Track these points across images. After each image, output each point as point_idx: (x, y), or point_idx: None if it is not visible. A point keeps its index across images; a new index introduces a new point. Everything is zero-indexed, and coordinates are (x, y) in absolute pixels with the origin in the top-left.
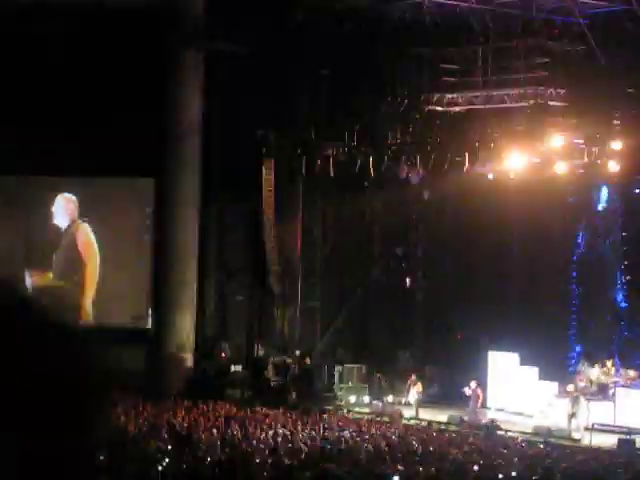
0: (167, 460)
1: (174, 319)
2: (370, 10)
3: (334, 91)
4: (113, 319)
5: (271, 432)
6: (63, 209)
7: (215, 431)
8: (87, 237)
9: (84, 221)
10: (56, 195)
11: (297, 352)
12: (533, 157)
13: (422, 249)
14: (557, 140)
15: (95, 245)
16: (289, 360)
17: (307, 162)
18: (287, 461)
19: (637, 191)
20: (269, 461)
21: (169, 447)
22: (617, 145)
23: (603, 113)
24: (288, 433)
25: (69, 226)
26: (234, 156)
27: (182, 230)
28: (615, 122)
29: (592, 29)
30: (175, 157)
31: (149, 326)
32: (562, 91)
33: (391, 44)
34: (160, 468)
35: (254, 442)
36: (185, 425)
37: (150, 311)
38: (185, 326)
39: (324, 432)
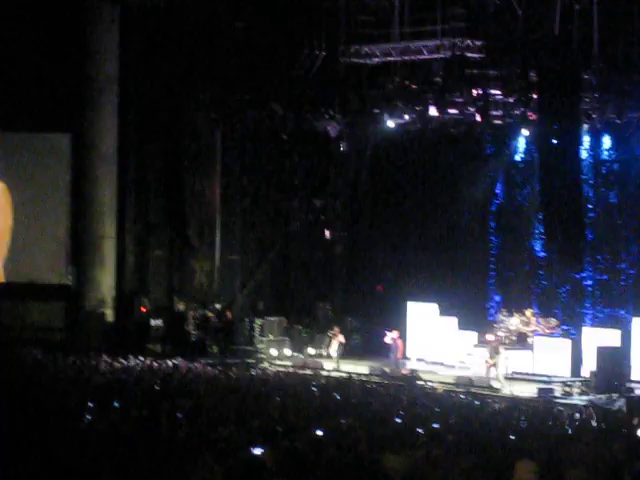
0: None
1: (94, 275)
2: None
3: (251, 45)
4: (32, 276)
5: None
6: None
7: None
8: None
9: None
10: None
11: (217, 305)
12: (451, 109)
13: (341, 201)
14: (475, 91)
15: (9, 205)
16: (209, 314)
17: (225, 115)
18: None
19: (554, 142)
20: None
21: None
22: (534, 96)
23: (520, 64)
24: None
25: None
26: (152, 110)
27: (100, 185)
28: (532, 73)
29: None
30: (93, 111)
31: (69, 282)
32: (479, 42)
33: None
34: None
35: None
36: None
37: (70, 267)
38: (105, 281)
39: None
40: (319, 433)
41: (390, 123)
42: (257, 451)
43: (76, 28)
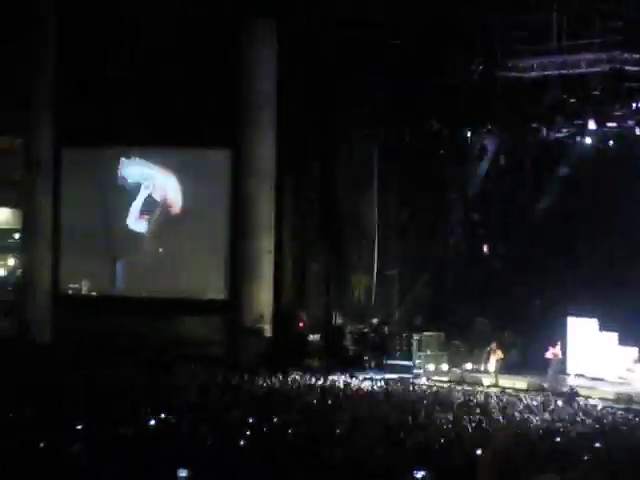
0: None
1: (252, 290)
2: None
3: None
4: (191, 291)
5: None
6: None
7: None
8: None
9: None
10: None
11: (375, 320)
12: (610, 122)
13: (499, 216)
14: (634, 104)
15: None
16: (367, 329)
17: (383, 131)
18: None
19: None
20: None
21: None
22: None
23: None
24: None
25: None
26: (309, 127)
27: (259, 201)
28: None
29: None
30: (251, 128)
31: (226, 297)
32: (637, 55)
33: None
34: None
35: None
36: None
37: (229, 282)
38: (263, 297)
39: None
40: (477, 452)
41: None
42: (419, 475)
43: (234, 46)
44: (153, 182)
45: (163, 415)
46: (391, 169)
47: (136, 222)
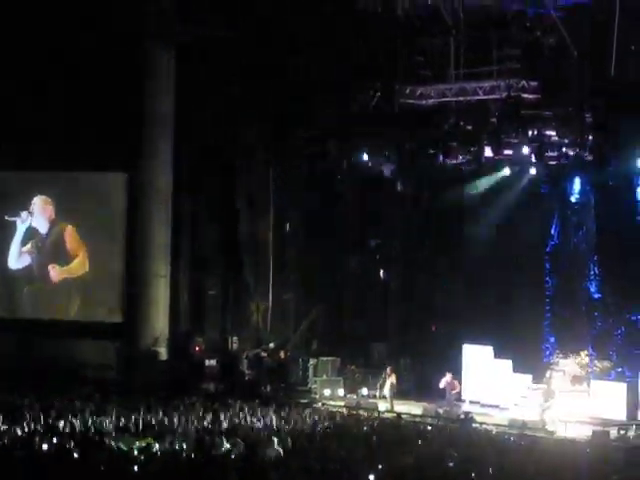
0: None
1: (147, 313)
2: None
3: (308, 83)
4: (86, 313)
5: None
6: (42, 210)
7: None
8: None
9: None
10: (31, 193)
11: (271, 345)
12: (506, 149)
13: (397, 241)
14: (530, 132)
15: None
16: (263, 353)
17: (280, 155)
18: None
19: (610, 183)
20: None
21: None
22: (590, 136)
23: (576, 104)
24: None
25: (51, 227)
26: (207, 149)
27: (155, 224)
28: (587, 114)
29: (564, 20)
30: (148, 151)
31: (121, 320)
32: (535, 83)
33: (364, 37)
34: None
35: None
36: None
37: (124, 305)
38: (159, 320)
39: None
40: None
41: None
42: None
43: (132, 69)
44: (32, 212)
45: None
46: (288, 193)
47: (17, 260)
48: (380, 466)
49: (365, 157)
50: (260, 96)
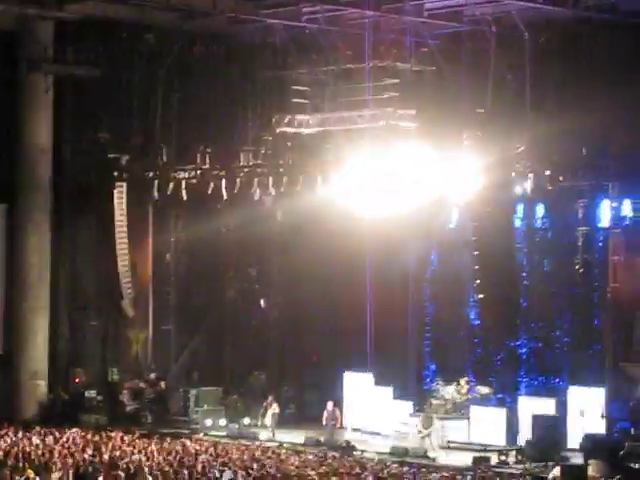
0: None
1: (27, 345)
2: (220, 32)
3: (185, 114)
4: None
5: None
6: None
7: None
8: None
9: None
10: None
11: (152, 375)
12: (385, 176)
13: (277, 270)
14: (409, 160)
15: None
16: (144, 384)
17: (158, 186)
18: None
19: (488, 210)
20: None
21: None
22: (468, 164)
23: (453, 133)
24: (144, 459)
25: None
26: (85, 180)
27: (34, 256)
28: (465, 142)
29: (441, 50)
30: (27, 182)
31: (1, 352)
32: (412, 112)
33: (241, 66)
34: None
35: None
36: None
37: (2, 338)
38: (38, 352)
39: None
40: None
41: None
42: None
43: (9, 99)
44: None
45: None
46: (167, 221)
47: None
48: None
49: (245, 187)
50: (138, 130)
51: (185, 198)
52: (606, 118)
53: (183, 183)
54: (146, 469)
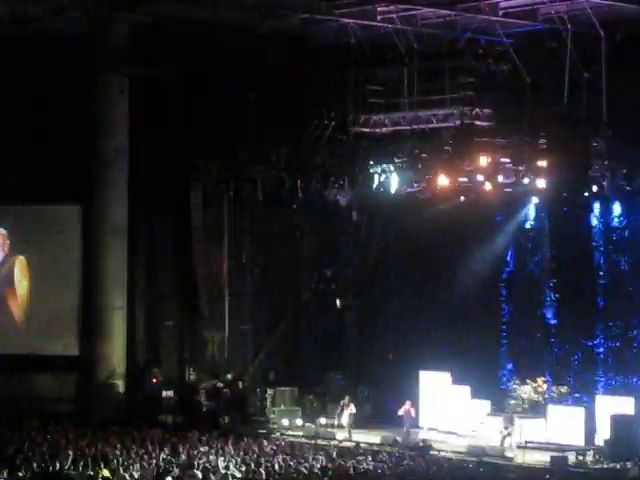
0: None
1: (104, 346)
2: (294, 32)
3: (261, 115)
4: (43, 347)
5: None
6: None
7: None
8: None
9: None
10: None
11: (229, 376)
12: (461, 177)
13: (352, 270)
14: (484, 159)
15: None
16: (221, 384)
17: (234, 186)
18: None
19: (564, 209)
20: None
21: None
22: (543, 163)
23: (529, 132)
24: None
25: (5, 259)
26: (161, 181)
27: (111, 256)
28: (541, 141)
29: (516, 48)
30: (103, 183)
31: (78, 353)
32: (488, 111)
33: (317, 66)
34: None
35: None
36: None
37: (80, 338)
38: (115, 353)
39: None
40: None
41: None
42: None
43: (86, 101)
44: None
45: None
46: (243, 222)
47: None
48: None
49: (320, 187)
50: (216, 131)
51: (261, 198)
52: None
53: (259, 183)
54: (222, 469)
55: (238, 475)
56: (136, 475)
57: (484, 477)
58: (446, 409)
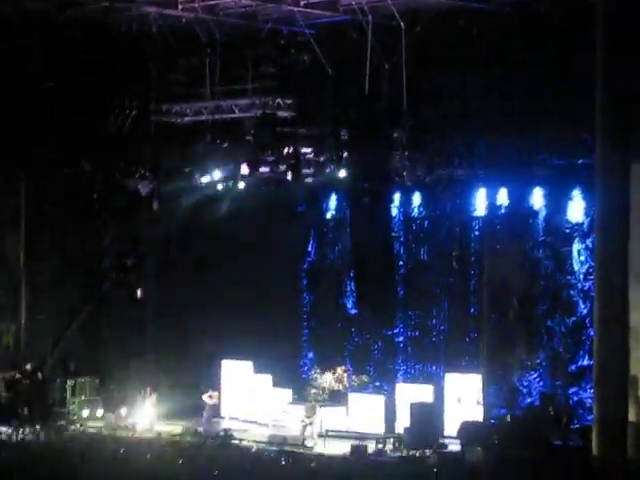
0: None
1: None
2: (95, 21)
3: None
4: None
5: None
6: None
7: None
8: None
9: None
10: None
11: (28, 367)
12: (263, 167)
13: (153, 260)
14: (286, 150)
15: None
16: (19, 375)
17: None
18: None
19: (365, 199)
20: None
21: None
22: (345, 154)
23: (331, 122)
24: None
25: None
26: None
27: None
28: (342, 131)
29: (318, 39)
30: None
31: None
32: (290, 101)
33: (118, 55)
34: None
35: None
36: None
37: None
38: None
39: None
40: None
41: (201, 181)
42: None
43: None
44: None
45: None
46: (42, 210)
47: None
48: None
49: (120, 177)
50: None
51: (61, 188)
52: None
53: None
54: None
55: None
56: None
57: (285, 466)
58: (248, 398)
